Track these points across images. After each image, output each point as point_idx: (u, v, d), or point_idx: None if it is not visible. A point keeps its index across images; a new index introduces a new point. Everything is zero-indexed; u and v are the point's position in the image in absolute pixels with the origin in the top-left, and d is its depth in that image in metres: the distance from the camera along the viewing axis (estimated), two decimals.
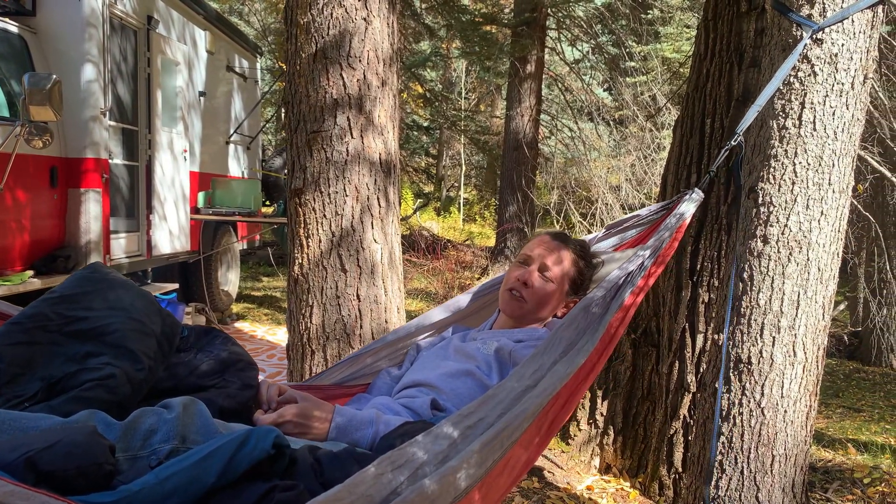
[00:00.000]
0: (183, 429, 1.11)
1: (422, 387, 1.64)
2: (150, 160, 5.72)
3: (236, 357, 1.48)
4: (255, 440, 1.06)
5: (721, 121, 3.33)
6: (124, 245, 5.41)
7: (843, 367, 8.15)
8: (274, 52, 14.52)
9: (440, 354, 1.76)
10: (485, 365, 1.66)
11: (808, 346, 2.12)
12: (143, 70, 5.64)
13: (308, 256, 2.72)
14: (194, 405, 1.17)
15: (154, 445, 1.09)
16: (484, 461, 1.15)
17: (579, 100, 13.36)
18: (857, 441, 4.73)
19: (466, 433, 1.17)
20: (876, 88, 4.99)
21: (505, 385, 1.32)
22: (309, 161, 2.69)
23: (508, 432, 1.21)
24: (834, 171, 2.08)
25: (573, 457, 3.78)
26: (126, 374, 1.24)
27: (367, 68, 2.68)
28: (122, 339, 1.27)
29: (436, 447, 1.11)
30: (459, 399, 1.57)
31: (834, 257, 2.14)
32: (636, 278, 1.62)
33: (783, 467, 2.14)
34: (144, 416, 1.12)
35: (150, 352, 1.31)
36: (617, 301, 1.56)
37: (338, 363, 1.96)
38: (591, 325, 1.52)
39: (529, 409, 1.26)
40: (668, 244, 1.72)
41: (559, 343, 1.45)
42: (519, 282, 1.81)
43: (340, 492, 0.98)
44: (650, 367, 3.62)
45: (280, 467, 1.10)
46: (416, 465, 1.07)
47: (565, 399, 1.41)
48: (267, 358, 5.80)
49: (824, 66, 2.04)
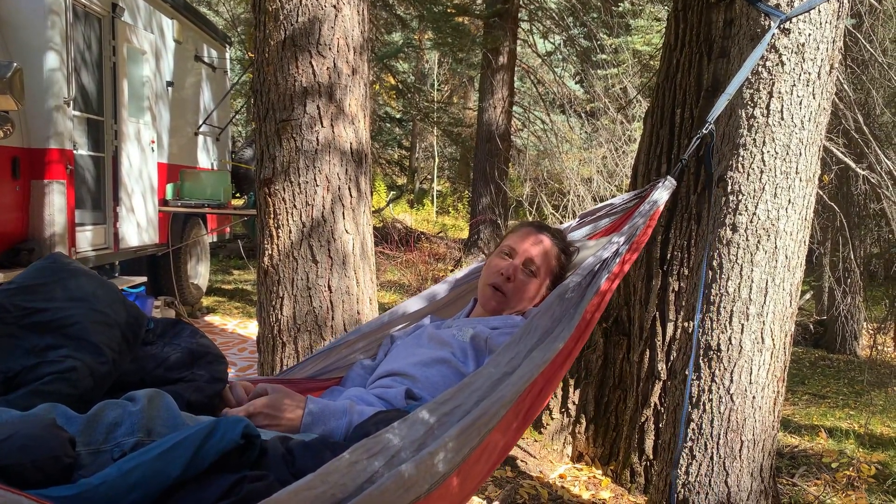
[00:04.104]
0: (148, 422, 1.08)
1: (396, 376, 1.61)
2: (116, 151, 5.61)
3: (205, 350, 1.45)
4: (222, 430, 1.03)
5: (691, 111, 3.36)
6: (90, 238, 5.30)
7: (809, 355, 8.31)
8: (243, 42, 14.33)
9: (414, 343, 1.74)
10: (460, 352, 1.63)
11: (776, 332, 2.15)
12: (109, 59, 5.51)
13: (278, 247, 2.68)
14: (160, 397, 1.13)
15: (118, 439, 1.05)
16: (461, 448, 1.14)
17: (551, 92, 13.39)
18: (822, 427, 4.82)
19: (443, 420, 1.16)
20: (841, 80, 5.07)
21: (482, 372, 1.31)
22: (278, 150, 2.66)
23: (486, 419, 1.20)
24: (801, 160, 2.10)
25: (546, 445, 3.80)
26: (88, 367, 1.20)
27: (337, 56, 2.65)
28: (83, 331, 1.23)
29: (412, 434, 1.10)
30: (434, 387, 1.55)
31: (801, 245, 2.16)
32: (611, 264, 1.61)
33: (751, 452, 2.16)
34: (107, 408, 1.09)
35: (114, 344, 1.27)
36: (592, 288, 1.56)
37: (310, 356, 1.93)
38: (566, 312, 1.51)
39: (507, 396, 1.26)
40: (643, 231, 1.72)
41: (535, 331, 1.45)
42: (502, 276, 1.78)
43: (313, 480, 0.96)
44: (621, 355, 3.65)
45: (250, 458, 1.07)
46: (393, 451, 1.05)
47: (542, 386, 1.41)
48: (238, 352, 5.74)
49: (792, 56, 2.06)
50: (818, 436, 4.51)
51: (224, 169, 8.35)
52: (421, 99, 14.58)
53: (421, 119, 14.41)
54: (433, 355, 1.63)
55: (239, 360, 5.47)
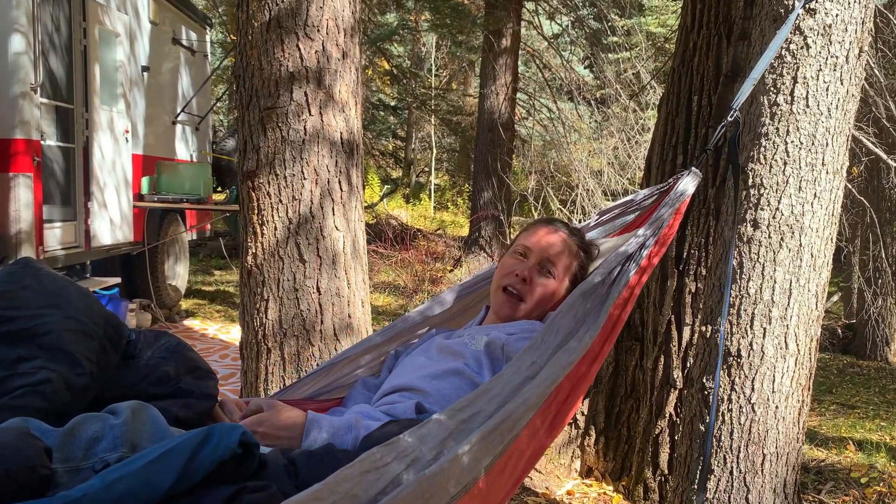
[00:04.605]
0: (133, 436, 1.05)
1: (404, 391, 1.57)
2: (87, 142, 5.60)
3: (193, 364, 1.43)
4: (217, 437, 1.00)
5: (709, 97, 3.36)
6: (59, 236, 5.29)
7: (837, 362, 8.32)
8: (225, 23, 14.30)
9: (422, 355, 1.70)
10: (474, 362, 1.59)
11: (801, 337, 2.15)
12: (79, 42, 5.51)
13: (263, 245, 2.68)
14: (145, 410, 1.11)
15: (99, 454, 1.02)
16: (484, 455, 1.11)
17: (558, 77, 13.40)
18: (851, 439, 4.83)
19: (461, 427, 1.13)
20: (871, 65, 5.08)
21: (501, 378, 1.27)
22: (263, 141, 2.65)
23: (510, 424, 1.17)
24: (827, 151, 2.10)
25: (552, 459, 3.80)
26: (64, 379, 1.18)
27: (326, 38, 2.65)
28: (58, 341, 1.21)
29: (430, 440, 1.07)
30: (447, 401, 1.49)
31: (827, 243, 2.16)
32: (639, 258, 1.59)
33: (774, 467, 2.17)
34: (87, 421, 1.06)
35: (92, 355, 1.25)
36: (619, 283, 1.53)
37: (309, 374, 1.89)
38: (591, 310, 1.49)
39: (530, 400, 1.23)
40: (669, 223, 1.68)
41: (557, 332, 1.42)
42: (517, 278, 1.73)
43: (321, 490, 0.94)
44: (634, 362, 3.65)
45: (248, 469, 1.04)
46: (407, 461, 1.02)
47: (568, 391, 1.38)
48: (220, 359, 5.74)
49: (817, 38, 2.06)
50: (846, 449, 4.52)
51: (204, 161, 8.34)
52: (417, 85, 14.57)
53: (417, 107, 14.41)
54: (444, 367, 1.59)
55: (221, 367, 5.47)
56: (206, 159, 8.47)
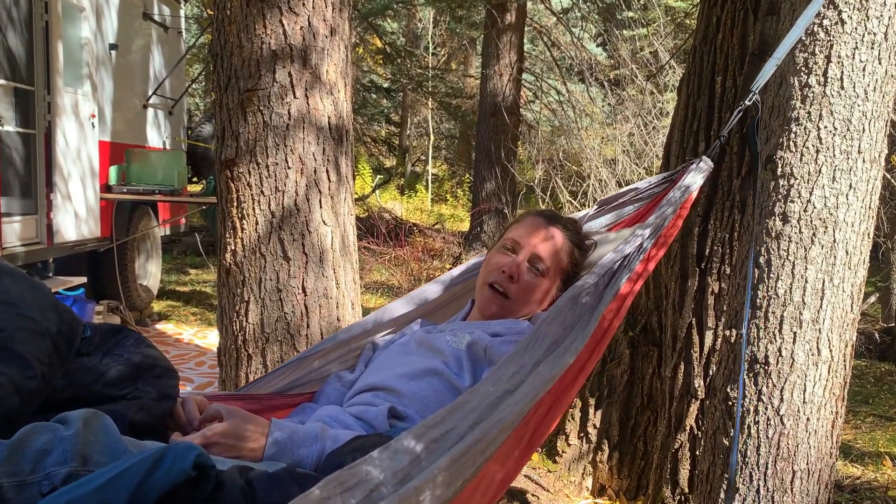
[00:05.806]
0: (84, 448, 1.08)
1: (378, 391, 1.62)
2: (49, 127, 5.60)
3: (151, 362, 1.46)
4: (171, 459, 1.03)
5: (734, 78, 3.36)
6: (19, 231, 5.30)
7: (874, 370, 8.33)
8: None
9: (401, 350, 1.74)
10: (454, 362, 1.64)
11: (835, 342, 2.15)
12: (40, 17, 5.50)
13: (243, 242, 2.68)
14: (98, 419, 1.14)
15: (47, 469, 1.05)
16: (453, 480, 1.14)
17: (568, 56, 13.40)
18: (889, 454, 4.84)
19: (432, 447, 1.16)
20: None
21: (479, 390, 1.31)
22: (243, 126, 2.66)
23: (482, 446, 1.20)
24: (864, 137, 2.10)
25: (561, 477, 3.81)
26: (13, 383, 1.21)
27: (312, 13, 2.64)
28: (7, 340, 1.24)
29: (395, 464, 1.10)
30: (423, 404, 1.56)
31: (864, 239, 2.16)
32: (634, 262, 1.62)
33: (805, 485, 2.17)
34: (35, 432, 1.09)
35: (44, 355, 1.28)
36: (611, 290, 1.56)
37: (279, 367, 1.94)
38: (580, 318, 1.51)
39: (507, 419, 1.26)
40: (672, 222, 1.72)
41: (543, 340, 1.44)
42: (504, 274, 1.78)
43: None
44: (651, 370, 3.66)
45: (203, 492, 1.08)
46: (371, 486, 1.05)
47: (549, 406, 1.41)
48: (195, 366, 5.75)
49: (853, 13, 2.05)
50: (884, 465, 4.53)
51: (178, 148, 8.35)
52: (413, 65, 14.57)
53: (413, 89, 14.41)
54: (422, 365, 1.63)
55: (196, 376, 5.48)
56: (181, 147, 8.47)
